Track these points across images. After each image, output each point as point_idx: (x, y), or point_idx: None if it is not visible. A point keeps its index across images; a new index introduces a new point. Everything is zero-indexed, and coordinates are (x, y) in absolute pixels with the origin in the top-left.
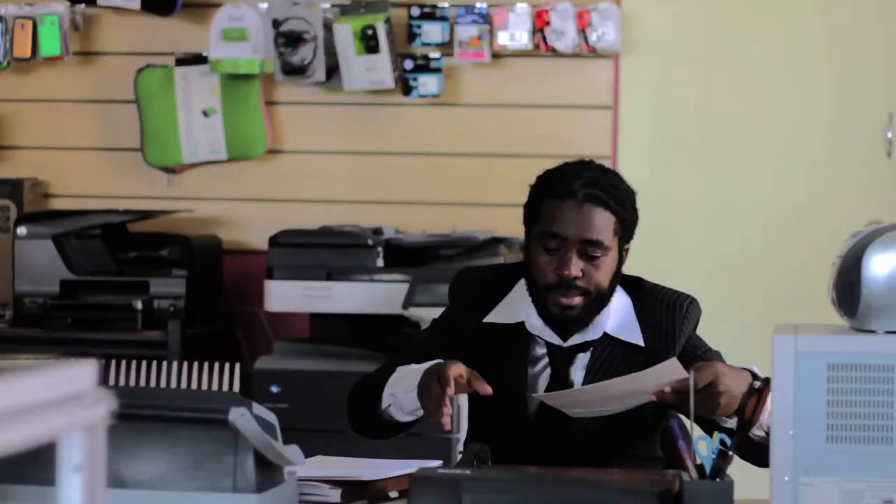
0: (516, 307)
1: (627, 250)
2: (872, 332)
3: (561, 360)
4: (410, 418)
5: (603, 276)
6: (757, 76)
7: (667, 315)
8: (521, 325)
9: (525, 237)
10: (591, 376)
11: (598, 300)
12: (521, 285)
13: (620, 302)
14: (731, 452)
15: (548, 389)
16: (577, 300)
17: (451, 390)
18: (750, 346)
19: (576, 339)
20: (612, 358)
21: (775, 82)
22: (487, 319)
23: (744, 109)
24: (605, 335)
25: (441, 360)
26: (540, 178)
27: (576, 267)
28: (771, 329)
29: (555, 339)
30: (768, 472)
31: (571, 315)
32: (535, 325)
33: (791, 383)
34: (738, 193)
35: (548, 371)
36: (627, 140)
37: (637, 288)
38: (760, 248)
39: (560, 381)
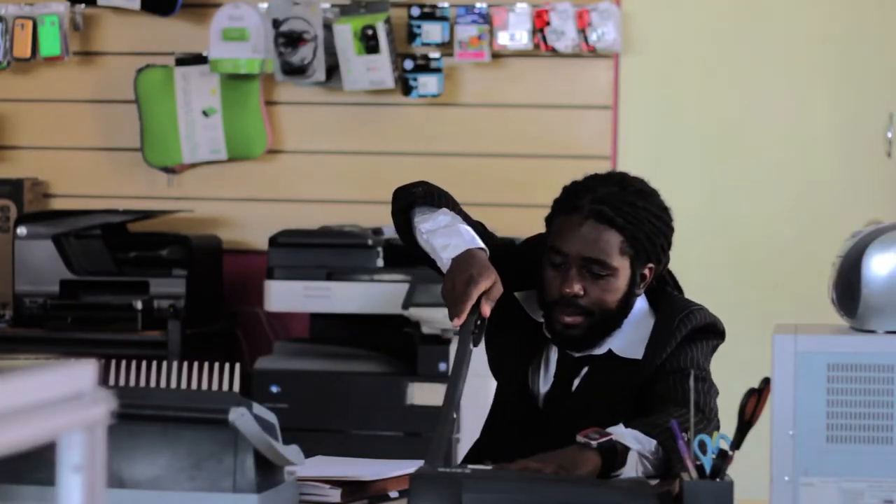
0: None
1: (651, 270)
2: (872, 332)
3: (569, 368)
4: (431, 259)
5: (609, 296)
6: (757, 76)
7: (665, 326)
8: (541, 324)
9: None
10: (584, 392)
11: (604, 321)
12: None
13: (641, 319)
14: (731, 452)
15: (549, 393)
16: (579, 319)
17: (459, 320)
18: (750, 346)
19: (585, 352)
20: (609, 375)
21: (775, 82)
22: (517, 294)
23: (743, 109)
24: (610, 352)
25: (482, 254)
26: (562, 190)
27: (577, 285)
28: (771, 329)
29: (567, 348)
30: (768, 472)
31: (573, 334)
32: (549, 333)
33: (791, 383)
34: (737, 193)
35: (553, 373)
36: (627, 140)
37: (660, 301)
38: (760, 248)
39: (562, 387)
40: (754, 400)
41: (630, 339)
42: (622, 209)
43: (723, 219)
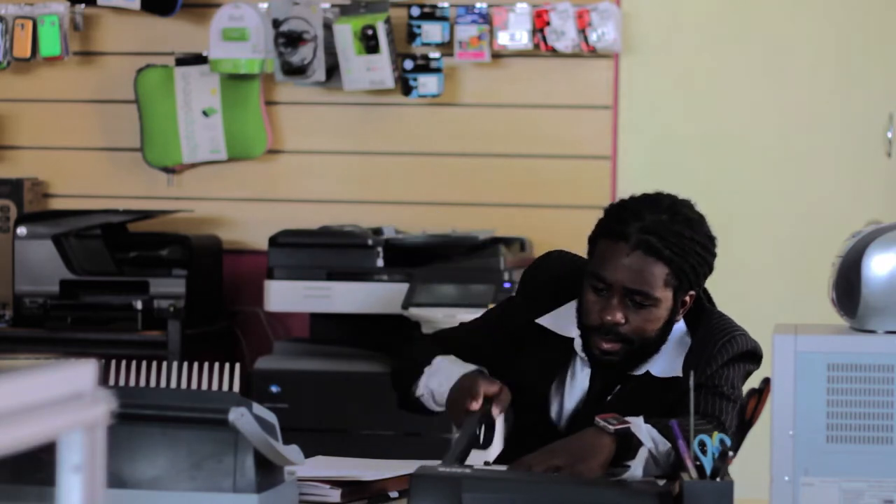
0: (572, 322)
1: (692, 297)
2: (872, 332)
3: (602, 383)
4: (440, 410)
5: (650, 325)
6: (757, 76)
7: (705, 347)
8: (571, 339)
9: None
10: (618, 407)
11: (643, 349)
12: None
13: (679, 339)
14: (731, 453)
15: (581, 406)
16: (618, 346)
17: (476, 404)
18: None
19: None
20: (644, 392)
21: (775, 82)
22: (540, 321)
23: (743, 109)
24: (647, 373)
25: (476, 371)
26: (605, 211)
27: (619, 313)
28: (771, 329)
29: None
30: (768, 472)
31: (611, 360)
32: (585, 353)
33: (791, 383)
34: (737, 193)
35: (585, 387)
36: (627, 140)
37: (701, 321)
38: (760, 248)
39: (593, 401)
40: (754, 400)
41: (668, 360)
42: (669, 240)
43: (722, 219)
